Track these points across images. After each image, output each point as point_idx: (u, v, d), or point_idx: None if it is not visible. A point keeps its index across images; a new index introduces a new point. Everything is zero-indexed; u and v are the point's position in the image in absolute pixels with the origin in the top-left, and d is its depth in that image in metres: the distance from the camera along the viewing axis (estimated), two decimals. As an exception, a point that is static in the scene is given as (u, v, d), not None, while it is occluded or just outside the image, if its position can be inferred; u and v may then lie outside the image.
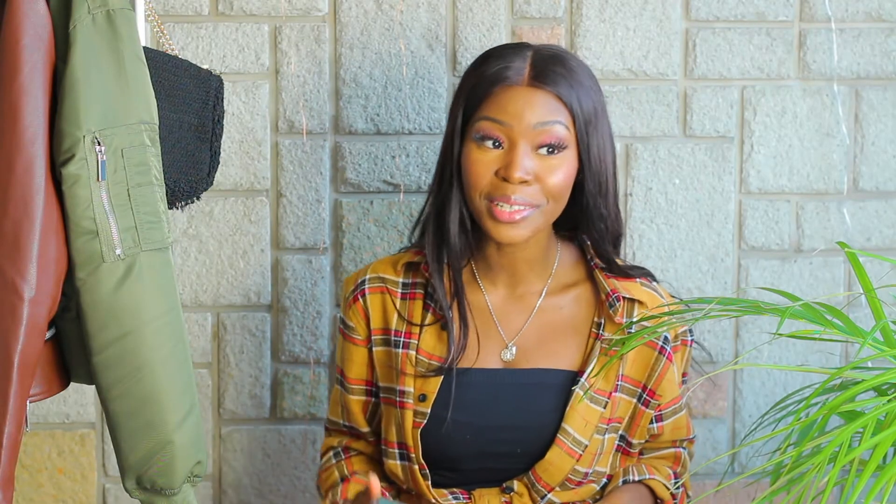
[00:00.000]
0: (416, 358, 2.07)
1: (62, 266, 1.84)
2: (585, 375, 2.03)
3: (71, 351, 1.95)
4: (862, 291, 1.96)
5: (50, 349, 1.92)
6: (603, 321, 2.07)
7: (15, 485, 1.87)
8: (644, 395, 2.07)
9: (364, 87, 2.46)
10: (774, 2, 2.50)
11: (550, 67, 2.01)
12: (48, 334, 1.89)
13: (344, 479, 2.12)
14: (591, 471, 2.04)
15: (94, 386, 1.92)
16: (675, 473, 2.11)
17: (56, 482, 2.51)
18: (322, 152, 2.47)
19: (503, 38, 2.46)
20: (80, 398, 2.49)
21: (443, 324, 2.07)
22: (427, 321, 2.08)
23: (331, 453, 2.18)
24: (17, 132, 1.80)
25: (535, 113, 1.99)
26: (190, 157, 2.07)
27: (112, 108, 1.85)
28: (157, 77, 1.97)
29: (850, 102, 2.53)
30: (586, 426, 2.03)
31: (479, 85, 2.03)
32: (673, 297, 2.14)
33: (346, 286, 2.16)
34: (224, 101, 2.12)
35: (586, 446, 2.03)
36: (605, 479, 2.08)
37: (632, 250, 2.51)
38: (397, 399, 2.07)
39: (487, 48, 2.12)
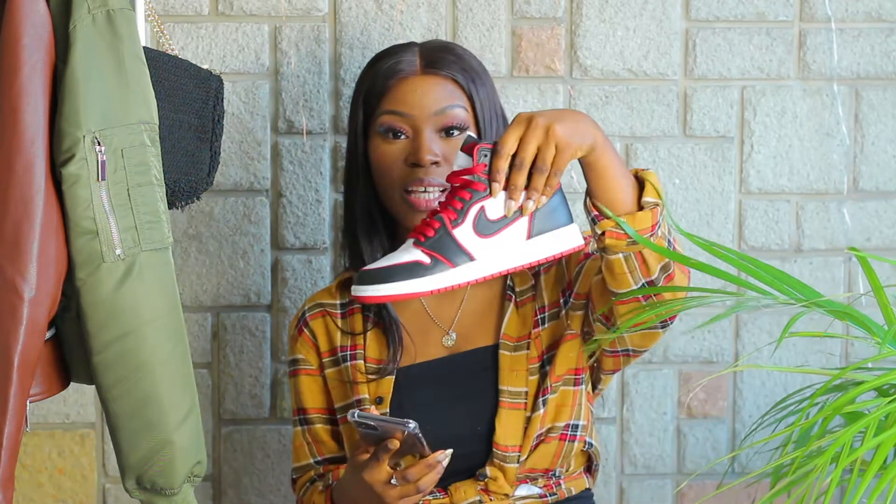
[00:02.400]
0: (364, 366, 2.11)
1: (62, 266, 1.84)
2: (501, 333, 2.08)
3: (71, 351, 1.95)
4: (863, 293, 1.96)
5: (50, 349, 1.92)
6: (511, 281, 2.11)
7: (15, 485, 1.86)
8: (567, 297, 2.10)
9: (364, 86, 2.45)
10: (774, 2, 2.50)
11: (440, 55, 2.09)
12: (48, 334, 1.89)
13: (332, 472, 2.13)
14: (539, 401, 2.05)
15: (94, 386, 1.91)
16: None
17: (56, 482, 2.51)
18: (322, 152, 2.47)
19: (503, 38, 2.46)
20: (80, 398, 2.49)
21: (383, 328, 2.12)
22: (368, 330, 2.13)
23: (307, 483, 2.17)
24: (17, 132, 1.80)
25: (434, 99, 2.07)
26: (190, 157, 2.06)
27: (112, 108, 1.85)
28: (157, 77, 1.97)
29: (850, 102, 2.53)
30: (517, 375, 2.05)
31: (376, 82, 2.10)
32: None
33: (290, 328, 2.22)
34: (224, 101, 2.12)
35: (525, 392, 2.05)
36: (570, 423, 2.08)
37: (632, 250, 2.51)
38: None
39: (485, 49, 2.12)
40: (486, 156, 1.82)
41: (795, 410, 2.07)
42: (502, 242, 1.84)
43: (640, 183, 1.87)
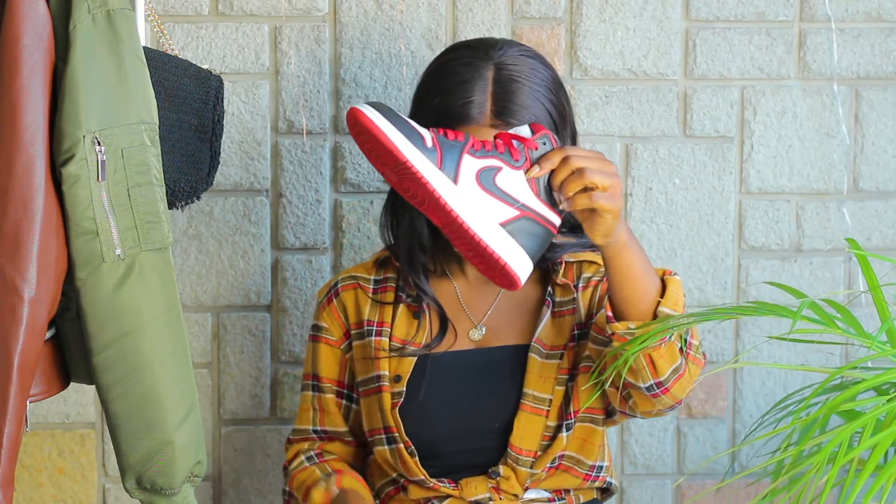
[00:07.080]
0: (389, 343, 2.11)
1: (62, 266, 1.85)
2: (534, 337, 2.07)
3: (71, 351, 1.95)
4: (861, 291, 1.96)
5: (50, 349, 1.92)
6: (551, 288, 2.11)
7: (15, 485, 1.87)
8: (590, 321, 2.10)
9: (364, 87, 2.46)
10: (774, 2, 2.50)
11: (512, 100, 2.00)
12: (48, 334, 1.89)
13: (335, 472, 2.13)
14: (563, 423, 2.05)
15: (94, 386, 1.92)
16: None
17: (56, 482, 2.51)
18: (322, 152, 2.47)
19: (503, 38, 2.46)
20: (80, 398, 2.49)
21: (414, 312, 2.12)
22: (399, 310, 2.12)
23: (302, 457, 2.18)
24: (17, 132, 1.80)
25: None
26: (190, 157, 2.07)
27: (112, 108, 1.86)
28: (157, 77, 1.97)
29: (850, 102, 2.53)
30: (545, 382, 2.06)
31: (441, 118, 2.02)
32: None
33: (320, 294, 2.21)
34: (224, 101, 2.12)
35: (550, 400, 2.06)
36: (595, 464, 2.10)
37: (632, 250, 2.51)
38: (376, 385, 2.10)
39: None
40: (544, 144, 1.85)
41: (795, 410, 2.07)
42: (483, 204, 1.84)
43: (664, 284, 1.91)
